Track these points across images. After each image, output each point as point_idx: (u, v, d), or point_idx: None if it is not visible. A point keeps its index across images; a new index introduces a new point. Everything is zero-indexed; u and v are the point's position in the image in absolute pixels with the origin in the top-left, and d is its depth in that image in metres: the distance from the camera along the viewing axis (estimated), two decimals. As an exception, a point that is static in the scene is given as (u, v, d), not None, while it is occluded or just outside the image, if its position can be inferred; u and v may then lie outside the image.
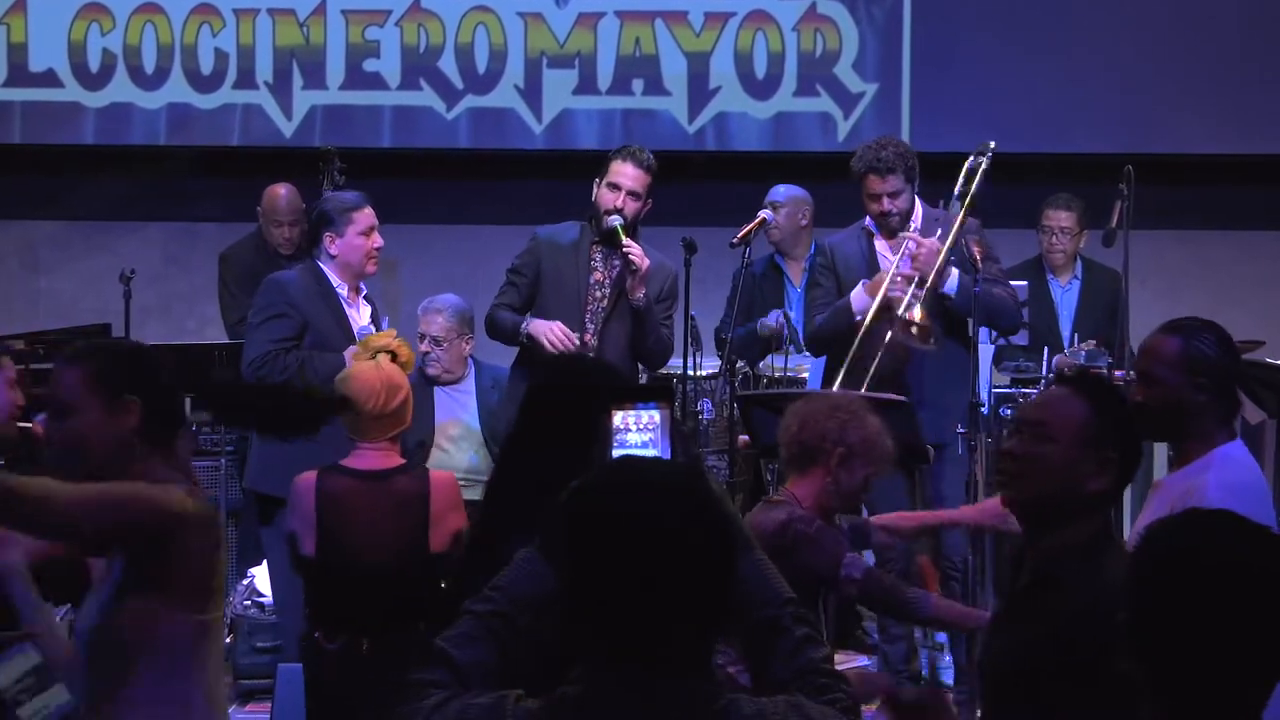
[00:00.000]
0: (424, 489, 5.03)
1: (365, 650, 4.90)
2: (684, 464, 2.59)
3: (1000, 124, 8.77)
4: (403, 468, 5.12)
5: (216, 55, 9.29)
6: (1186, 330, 3.95)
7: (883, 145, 6.52)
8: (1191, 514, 2.45)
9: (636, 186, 6.49)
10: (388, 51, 9.33)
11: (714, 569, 2.27)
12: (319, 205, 6.42)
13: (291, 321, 6.05)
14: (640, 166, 6.50)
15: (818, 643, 2.55)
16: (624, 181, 6.49)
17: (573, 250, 6.58)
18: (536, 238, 6.70)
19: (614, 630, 2.25)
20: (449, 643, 2.54)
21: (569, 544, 2.29)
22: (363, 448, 5.07)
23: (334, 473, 5.06)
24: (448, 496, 5.09)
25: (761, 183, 8.13)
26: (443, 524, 5.04)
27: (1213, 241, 9.63)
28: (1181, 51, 9.29)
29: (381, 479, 5.03)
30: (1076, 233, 8.01)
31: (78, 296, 9.46)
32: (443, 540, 5.03)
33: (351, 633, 4.94)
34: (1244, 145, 9.31)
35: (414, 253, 9.28)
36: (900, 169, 6.42)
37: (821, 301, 6.60)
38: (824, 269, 6.67)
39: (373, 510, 4.99)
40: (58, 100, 9.35)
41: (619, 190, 6.48)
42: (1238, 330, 8.13)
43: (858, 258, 6.57)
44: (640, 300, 6.46)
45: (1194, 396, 3.85)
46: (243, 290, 7.83)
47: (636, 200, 6.50)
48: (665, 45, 9.30)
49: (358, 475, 5.03)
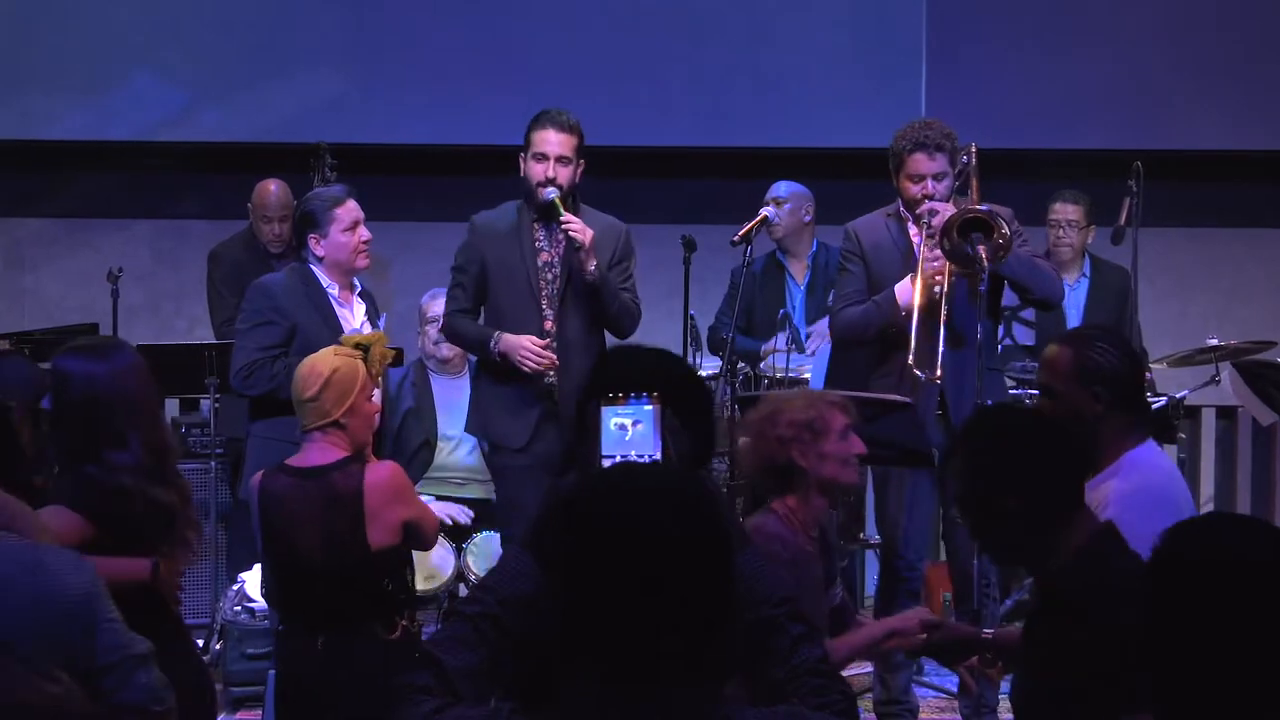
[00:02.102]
0: (357, 485, 4.95)
1: (320, 647, 4.91)
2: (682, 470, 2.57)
3: (1009, 119, 8.79)
4: (342, 462, 5.01)
5: (204, 49, 9.28)
6: (1079, 341, 4.02)
7: (928, 125, 6.18)
8: (1210, 518, 2.46)
9: (563, 150, 6.21)
10: (380, 46, 9.33)
11: (713, 575, 2.26)
12: (301, 205, 6.29)
13: (278, 328, 6.00)
14: (562, 129, 6.22)
15: (813, 642, 2.54)
16: (548, 148, 6.22)
17: (514, 234, 6.30)
18: (473, 227, 6.42)
19: (611, 640, 2.23)
20: (437, 646, 2.53)
21: (565, 552, 2.27)
22: (309, 443, 5.05)
23: (276, 471, 5.07)
24: (386, 490, 4.97)
25: (763, 179, 8.12)
26: (381, 519, 4.95)
27: (1224, 239, 9.63)
28: (1192, 45, 9.29)
29: (316, 476, 4.98)
30: (1084, 226, 8.00)
31: (64, 295, 9.45)
32: (383, 536, 4.95)
33: (306, 629, 4.95)
34: (1256, 141, 9.31)
35: (406, 250, 9.28)
36: (947, 150, 6.11)
37: (853, 289, 6.25)
38: (852, 254, 6.29)
39: (306, 508, 4.95)
40: (42, 94, 9.33)
41: (546, 159, 6.21)
42: (1249, 330, 8.23)
43: (889, 245, 6.23)
44: (593, 274, 6.18)
45: (1092, 406, 3.91)
46: (231, 290, 7.82)
47: (567, 165, 6.22)
48: (663, 38, 9.29)
49: (295, 473, 5.01)
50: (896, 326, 6.08)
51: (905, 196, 6.17)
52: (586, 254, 6.15)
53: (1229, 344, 7.49)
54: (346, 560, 4.92)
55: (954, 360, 6.02)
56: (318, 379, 5.00)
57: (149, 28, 9.29)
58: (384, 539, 4.95)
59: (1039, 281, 6.13)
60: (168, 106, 9.34)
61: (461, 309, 6.39)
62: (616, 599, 2.22)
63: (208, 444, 7.66)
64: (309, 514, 4.95)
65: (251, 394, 5.98)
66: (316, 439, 5.02)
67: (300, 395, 5.03)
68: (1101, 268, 8.06)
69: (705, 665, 2.27)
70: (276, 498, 5.00)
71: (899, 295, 6.10)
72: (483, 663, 2.52)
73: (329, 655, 4.90)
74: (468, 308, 6.38)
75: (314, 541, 4.94)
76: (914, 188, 6.12)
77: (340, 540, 4.93)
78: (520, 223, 6.31)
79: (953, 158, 6.14)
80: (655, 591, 2.21)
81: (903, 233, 6.23)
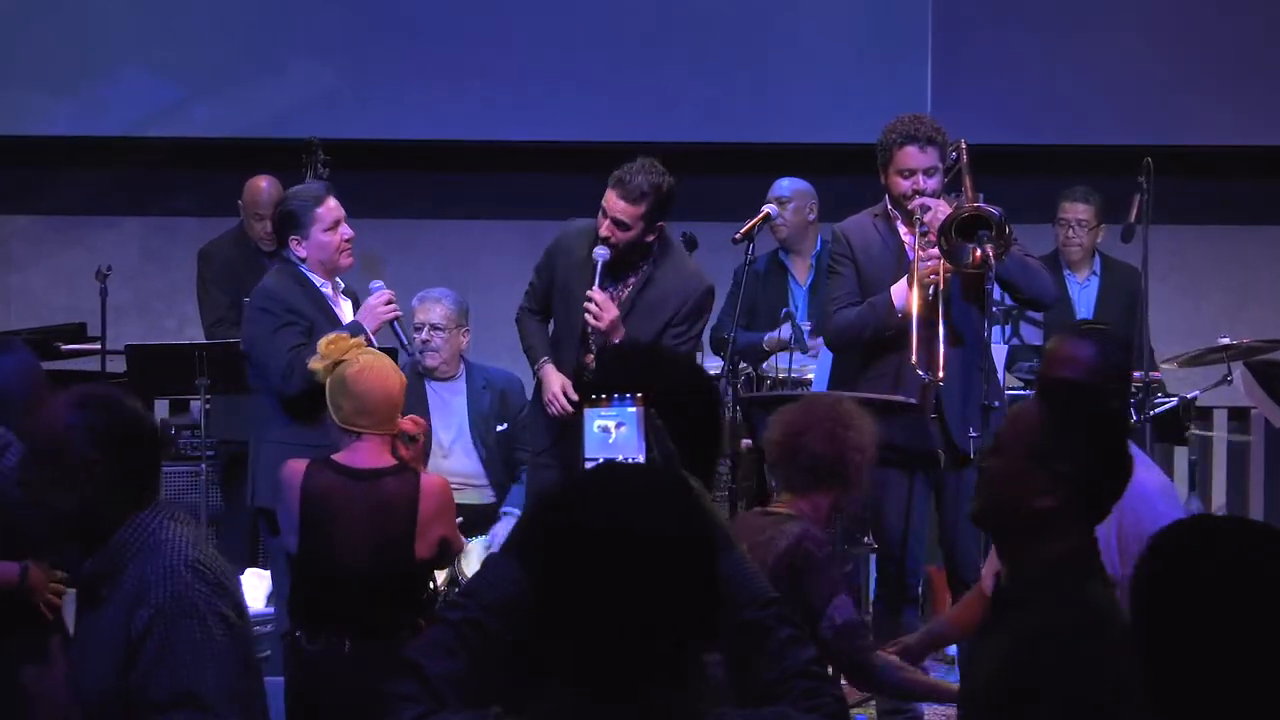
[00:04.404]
0: (413, 493, 5.01)
1: (347, 652, 4.90)
2: (665, 470, 2.58)
3: (1016, 114, 8.78)
4: (395, 469, 5.07)
5: (194, 42, 9.28)
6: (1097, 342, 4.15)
7: (919, 119, 6.11)
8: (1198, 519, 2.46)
9: (622, 217, 6.10)
10: (374, 39, 9.33)
11: (696, 576, 2.27)
12: (280, 205, 6.20)
13: (297, 327, 6.01)
14: (626, 198, 6.07)
15: (803, 643, 2.55)
16: (609, 209, 6.14)
17: (582, 265, 6.24)
18: (557, 239, 6.40)
19: (596, 645, 2.23)
20: (420, 653, 2.54)
21: (548, 557, 2.27)
22: (356, 443, 5.05)
23: (322, 467, 5.05)
24: (437, 502, 5.07)
25: (766, 175, 8.12)
26: (430, 531, 5.02)
27: (1235, 237, 9.63)
28: (1203, 40, 9.29)
29: (369, 478, 5.01)
30: (1094, 226, 8.00)
31: (51, 294, 9.46)
32: (428, 547, 5.02)
33: (331, 634, 4.94)
34: (1268, 137, 9.31)
35: (398, 248, 9.28)
36: (938, 144, 6.05)
37: (844, 292, 6.21)
38: (842, 257, 6.24)
39: (356, 510, 4.97)
40: (29, 88, 9.34)
41: (603, 216, 6.15)
42: (1262, 328, 8.23)
43: (879, 247, 6.19)
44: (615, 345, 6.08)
45: None
46: (222, 289, 7.81)
47: (624, 231, 6.11)
48: (660, 36, 9.29)
49: (345, 472, 5.01)
50: (893, 329, 6.07)
51: (894, 192, 6.12)
52: (603, 335, 6.11)
53: (1241, 343, 7.48)
54: (391, 567, 4.94)
55: (951, 360, 6.02)
56: (386, 389, 5.05)
57: (138, 20, 9.29)
58: (425, 550, 5.02)
59: (1031, 281, 6.10)
60: (157, 101, 9.34)
61: (530, 309, 6.45)
62: (598, 600, 2.22)
63: (198, 446, 7.65)
64: (356, 515, 4.97)
65: (293, 393, 5.98)
66: (368, 440, 5.03)
67: (364, 403, 5.02)
68: (1111, 266, 8.05)
69: (689, 667, 2.27)
70: (321, 493, 4.99)
71: (895, 297, 6.06)
72: (466, 669, 2.52)
73: (356, 661, 4.89)
74: (536, 309, 6.43)
75: (358, 543, 4.95)
76: (904, 182, 6.06)
77: (388, 546, 4.96)
78: (590, 256, 6.21)
79: (942, 153, 6.09)
80: (637, 592, 2.22)
81: (892, 233, 6.19)
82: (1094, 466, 3.18)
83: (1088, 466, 3.16)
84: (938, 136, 6.07)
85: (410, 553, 4.98)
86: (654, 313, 6.18)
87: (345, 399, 5.05)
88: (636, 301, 6.20)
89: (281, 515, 5.14)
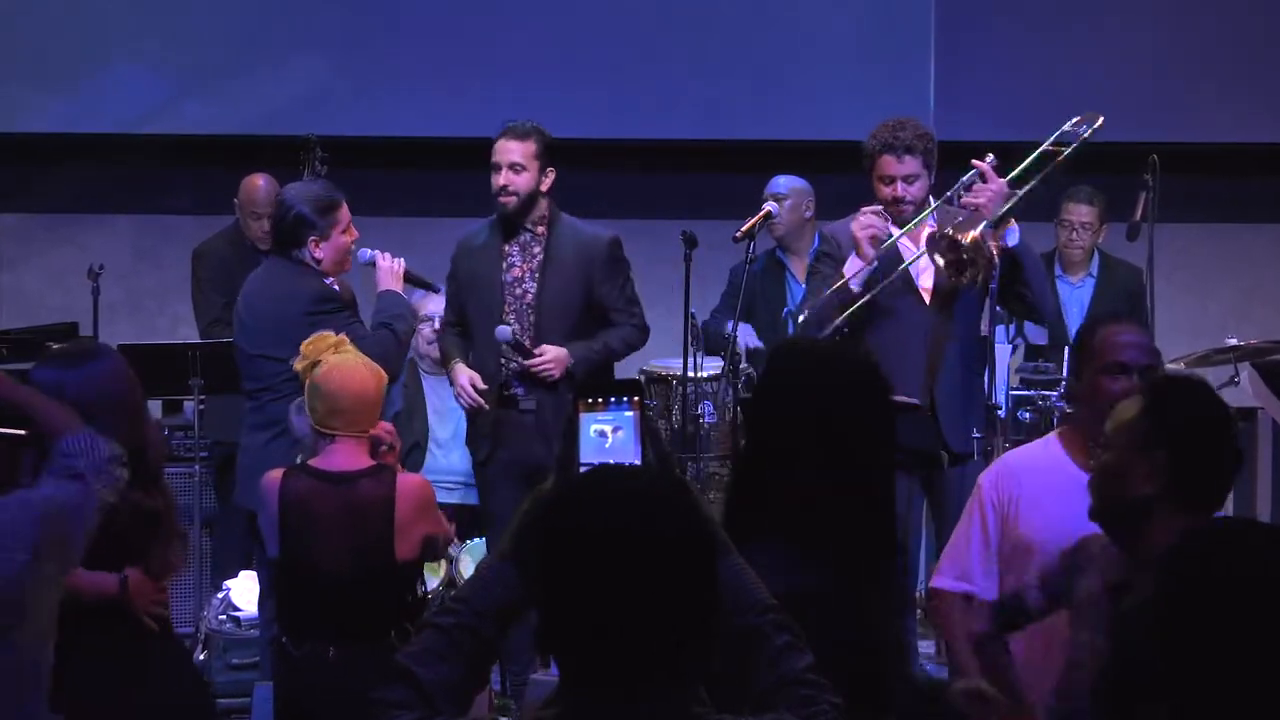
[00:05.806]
0: (389, 494, 5.00)
1: (331, 658, 4.91)
2: (662, 472, 2.59)
3: (1020, 111, 8.76)
4: (370, 470, 5.07)
5: (189, 37, 9.28)
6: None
7: (901, 125, 6.19)
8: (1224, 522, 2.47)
9: (516, 158, 6.30)
10: (372, 35, 9.32)
11: (693, 578, 2.28)
12: (292, 206, 6.16)
13: (356, 319, 6.13)
14: (515, 137, 6.32)
15: (800, 650, 2.55)
16: (500, 158, 6.32)
17: (484, 250, 6.44)
18: (456, 247, 6.60)
19: (592, 650, 2.25)
20: (412, 659, 2.54)
21: (547, 559, 2.28)
22: (331, 445, 5.07)
23: (299, 473, 5.08)
24: (416, 503, 5.06)
25: (766, 173, 8.11)
26: (410, 531, 5.02)
27: (1243, 235, 9.62)
28: (1210, 35, 9.28)
29: (345, 482, 5.01)
30: (1096, 229, 7.98)
31: (43, 293, 9.45)
32: (410, 548, 5.02)
33: (316, 639, 4.96)
34: (1275, 134, 9.31)
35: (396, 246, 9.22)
36: (919, 151, 6.13)
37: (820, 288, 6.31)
38: (827, 256, 6.33)
39: (333, 514, 4.98)
40: (20, 84, 9.33)
41: (499, 169, 6.33)
42: (1269, 329, 8.22)
43: None
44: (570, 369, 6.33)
45: None
46: (217, 289, 7.76)
47: (521, 172, 6.31)
48: (661, 33, 9.28)
49: (320, 476, 5.03)
50: (853, 303, 6.08)
51: (878, 198, 6.23)
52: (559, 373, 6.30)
53: (1248, 343, 7.47)
54: (372, 570, 4.95)
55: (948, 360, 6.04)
56: (355, 388, 5.05)
57: (132, 15, 9.29)
58: (407, 552, 5.01)
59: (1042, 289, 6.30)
60: (151, 98, 9.34)
61: (448, 322, 6.64)
62: (597, 602, 2.24)
63: (192, 447, 7.64)
64: (333, 519, 4.98)
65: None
66: (342, 442, 5.04)
67: (335, 403, 5.04)
68: (1111, 266, 8.02)
69: (686, 670, 2.29)
70: (298, 499, 5.00)
71: (847, 270, 6.13)
72: (459, 675, 2.52)
73: (341, 666, 4.90)
74: (451, 321, 6.60)
75: (337, 548, 4.96)
76: (885, 189, 6.19)
77: (367, 549, 4.96)
78: (491, 239, 6.43)
79: (927, 159, 6.18)
80: (636, 594, 2.23)
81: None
82: (1191, 454, 3.32)
83: (1185, 454, 3.31)
84: (919, 144, 6.15)
85: (390, 555, 4.97)
86: (565, 271, 6.37)
87: (318, 400, 5.08)
88: (545, 268, 6.37)
89: (263, 522, 5.16)
